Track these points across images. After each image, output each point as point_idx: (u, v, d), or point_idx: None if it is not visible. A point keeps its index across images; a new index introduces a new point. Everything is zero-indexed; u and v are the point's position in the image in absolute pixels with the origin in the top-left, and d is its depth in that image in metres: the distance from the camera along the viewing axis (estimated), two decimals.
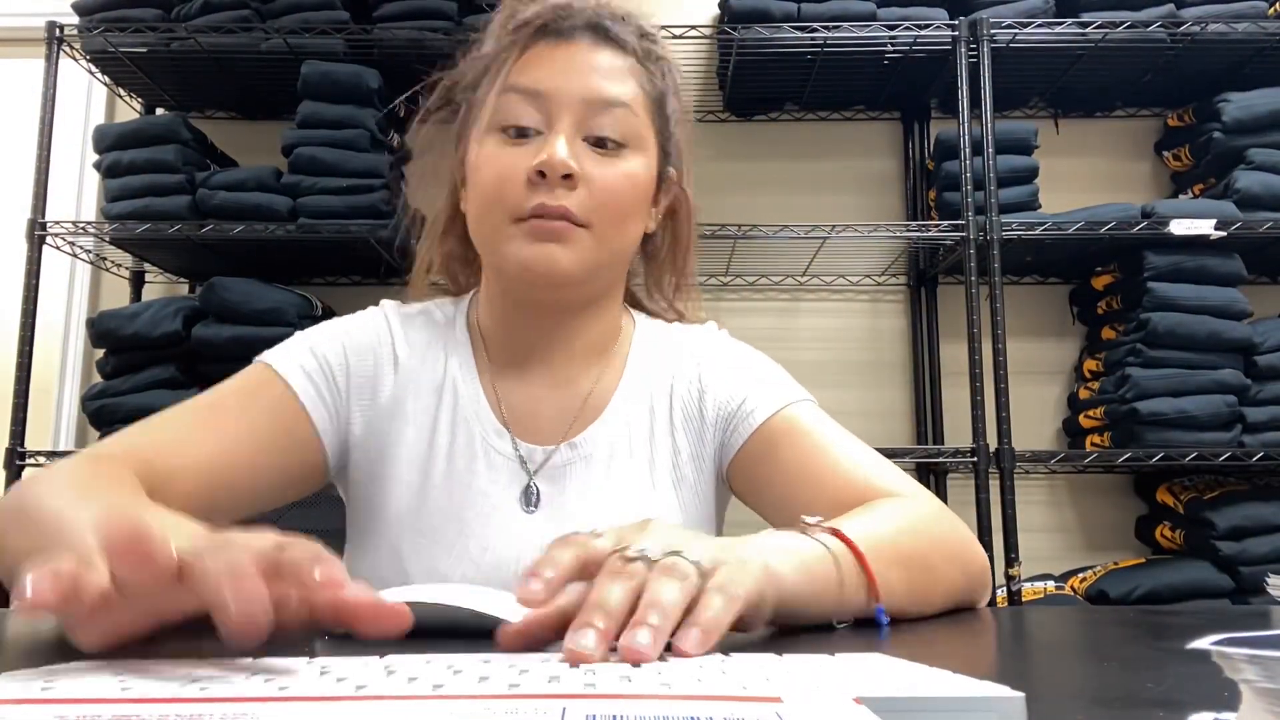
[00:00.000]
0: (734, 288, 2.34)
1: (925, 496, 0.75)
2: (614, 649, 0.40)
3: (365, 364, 0.81)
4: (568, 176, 0.72)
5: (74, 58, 2.17)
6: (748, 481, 0.81)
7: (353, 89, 2.08)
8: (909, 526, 0.67)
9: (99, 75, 2.30)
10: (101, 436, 2.03)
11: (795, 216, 2.06)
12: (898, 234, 2.08)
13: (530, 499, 0.78)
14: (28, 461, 1.95)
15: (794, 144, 2.44)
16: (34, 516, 0.59)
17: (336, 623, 0.42)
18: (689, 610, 0.43)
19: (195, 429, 0.76)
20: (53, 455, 2.05)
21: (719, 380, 0.83)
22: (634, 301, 0.92)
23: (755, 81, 2.26)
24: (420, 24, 2.10)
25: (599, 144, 0.75)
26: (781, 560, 0.53)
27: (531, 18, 0.77)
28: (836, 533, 0.60)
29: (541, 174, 0.72)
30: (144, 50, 2.15)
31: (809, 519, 0.61)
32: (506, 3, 0.81)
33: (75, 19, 2.16)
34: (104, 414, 2.00)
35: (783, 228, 2.01)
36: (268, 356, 0.81)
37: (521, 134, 0.74)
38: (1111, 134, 2.43)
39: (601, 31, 0.77)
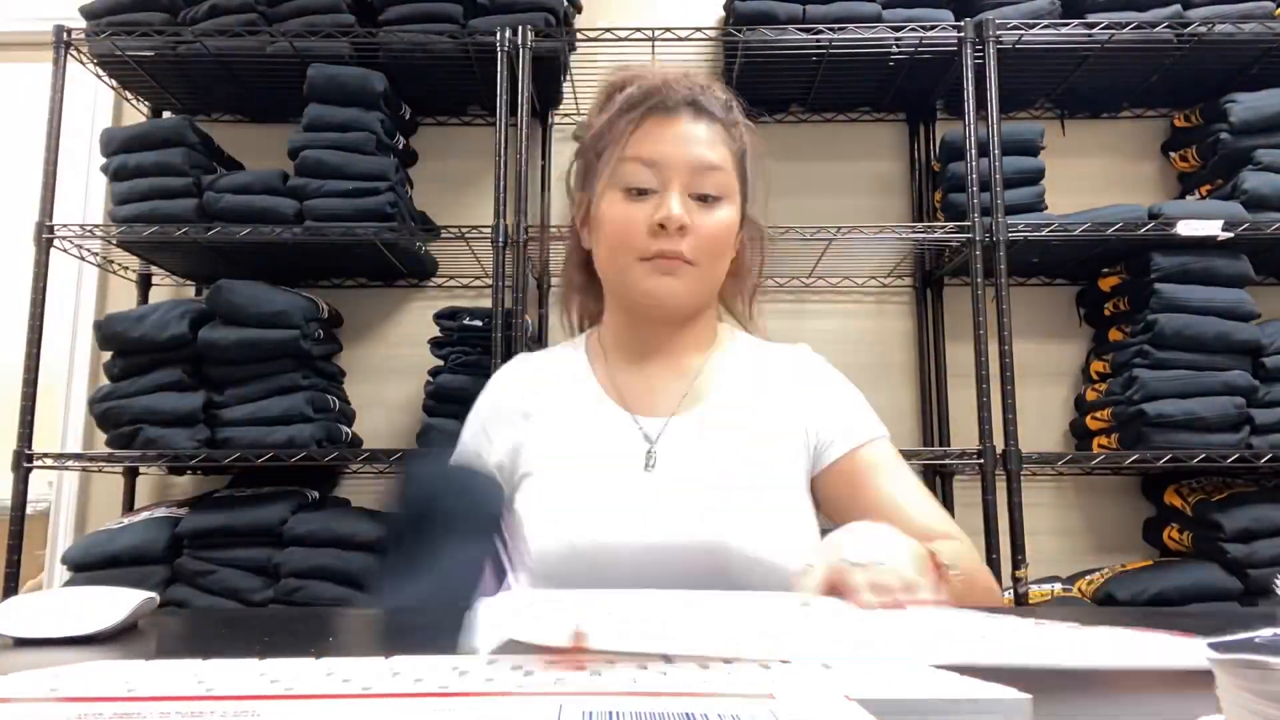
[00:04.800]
0: None
1: (967, 539, 0.93)
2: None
3: (501, 412, 1.04)
4: (681, 228, 0.93)
5: (81, 61, 2.17)
6: (829, 499, 0.98)
7: (359, 92, 2.09)
8: (967, 560, 0.86)
9: (106, 79, 2.31)
10: (108, 439, 2.04)
11: (801, 218, 2.06)
12: (904, 235, 2.08)
13: (649, 461, 0.96)
14: (35, 464, 1.96)
15: (799, 146, 2.44)
16: None
17: None
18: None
19: None
20: (60, 457, 2.06)
21: (819, 394, 1.01)
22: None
23: (760, 83, 2.26)
24: (426, 27, 2.11)
25: (700, 199, 0.95)
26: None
27: (642, 98, 0.96)
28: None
29: (662, 226, 0.93)
30: (151, 54, 2.16)
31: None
32: (613, 79, 1.02)
33: (82, 23, 2.17)
34: (111, 416, 2.01)
35: (788, 229, 2.01)
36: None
37: (642, 193, 0.95)
38: (1118, 135, 2.42)
39: (698, 106, 0.97)
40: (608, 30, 2.10)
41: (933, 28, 2.06)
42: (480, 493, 0.96)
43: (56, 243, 2.05)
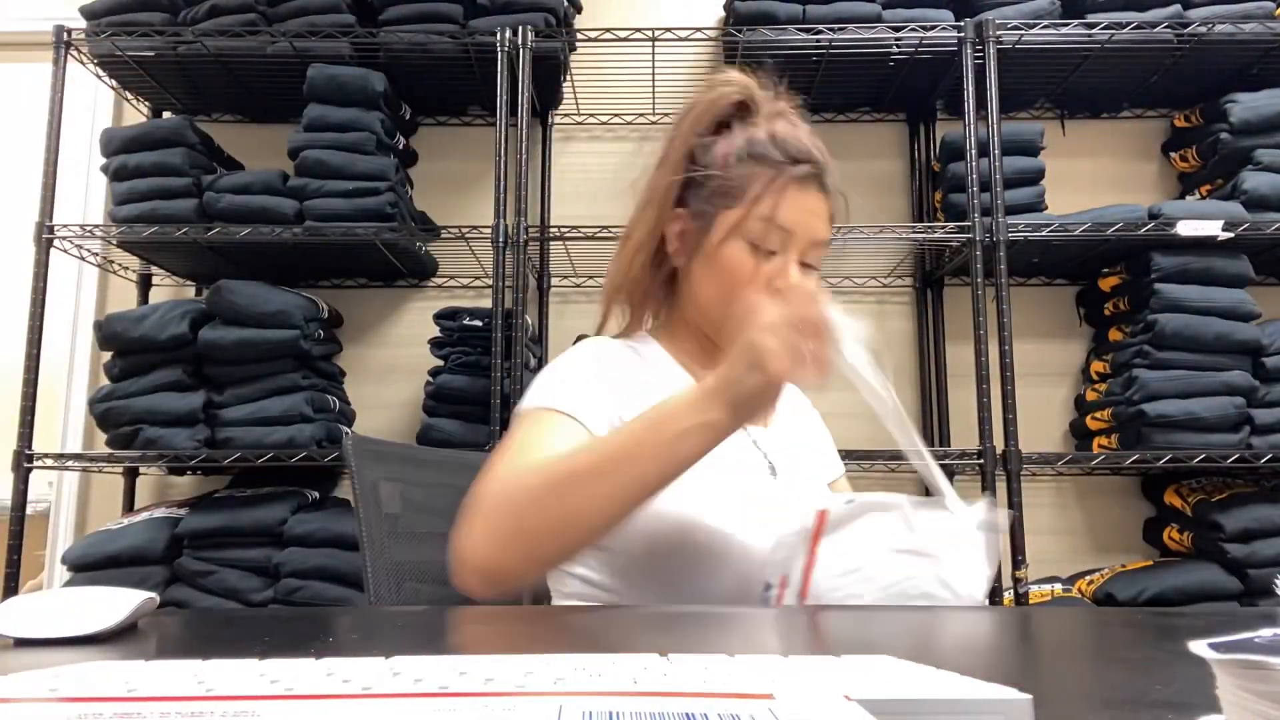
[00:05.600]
0: None
1: None
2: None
3: (608, 374, 1.02)
4: None
5: (81, 62, 2.18)
6: None
7: (359, 92, 2.09)
8: None
9: (106, 79, 2.31)
10: (109, 439, 2.04)
11: None
12: (904, 235, 2.08)
13: (772, 470, 1.01)
14: (35, 464, 1.96)
15: None
16: (592, 463, 0.78)
17: None
18: None
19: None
20: (60, 457, 2.06)
21: (813, 420, 1.16)
22: None
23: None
24: (426, 27, 2.11)
25: (807, 265, 1.00)
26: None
27: (790, 160, 0.98)
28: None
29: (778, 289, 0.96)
30: (151, 54, 2.17)
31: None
32: (727, 92, 1.03)
33: (83, 23, 2.17)
34: (111, 416, 2.01)
35: None
36: (543, 402, 0.95)
37: (769, 252, 0.98)
38: (1118, 135, 2.42)
39: (824, 184, 1.00)
40: (608, 30, 2.10)
41: (933, 28, 2.06)
42: None
43: (56, 243, 2.05)
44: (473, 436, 2.05)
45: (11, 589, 1.90)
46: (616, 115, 2.47)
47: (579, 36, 2.15)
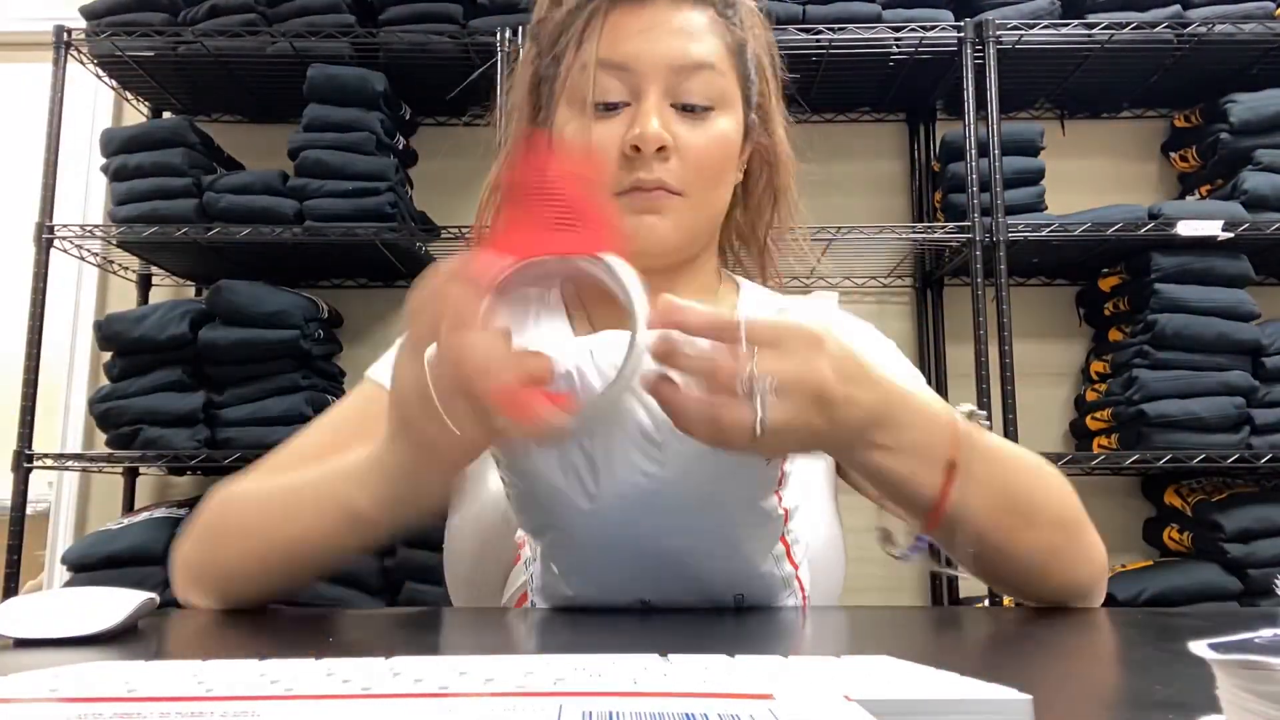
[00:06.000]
0: None
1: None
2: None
3: None
4: (662, 149, 0.72)
5: (81, 62, 2.17)
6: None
7: (359, 92, 2.09)
8: (1040, 475, 0.62)
9: (106, 79, 2.31)
10: (109, 439, 2.04)
11: (801, 218, 2.06)
12: (904, 236, 2.08)
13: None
14: (35, 464, 1.95)
15: (799, 146, 2.43)
16: (318, 490, 0.62)
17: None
18: None
19: (323, 449, 0.74)
20: (60, 457, 2.06)
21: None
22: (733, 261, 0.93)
23: None
24: (426, 27, 2.11)
25: (687, 109, 0.74)
26: (901, 390, 0.54)
27: None
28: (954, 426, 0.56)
29: (636, 149, 0.71)
30: (151, 54, 2.16)
31: (965, 407, 0.59)
32: None
33: (83, 23, 2.17)
34: (111, 416, 2.01)
35: (788, 229, 2.01)
36: (375, 374, 0.79)
37: (610, 107, 0.73)
38: (1118, 135, 2.42)
39: None
40: None
41: (933, 28, 2.06)
42: None
43: (56, 243, 2.05)
44: None
45: (11, 589, 1.90)
46: None
47: None
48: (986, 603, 1.86)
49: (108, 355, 2.08)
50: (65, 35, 2.09)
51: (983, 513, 0.57)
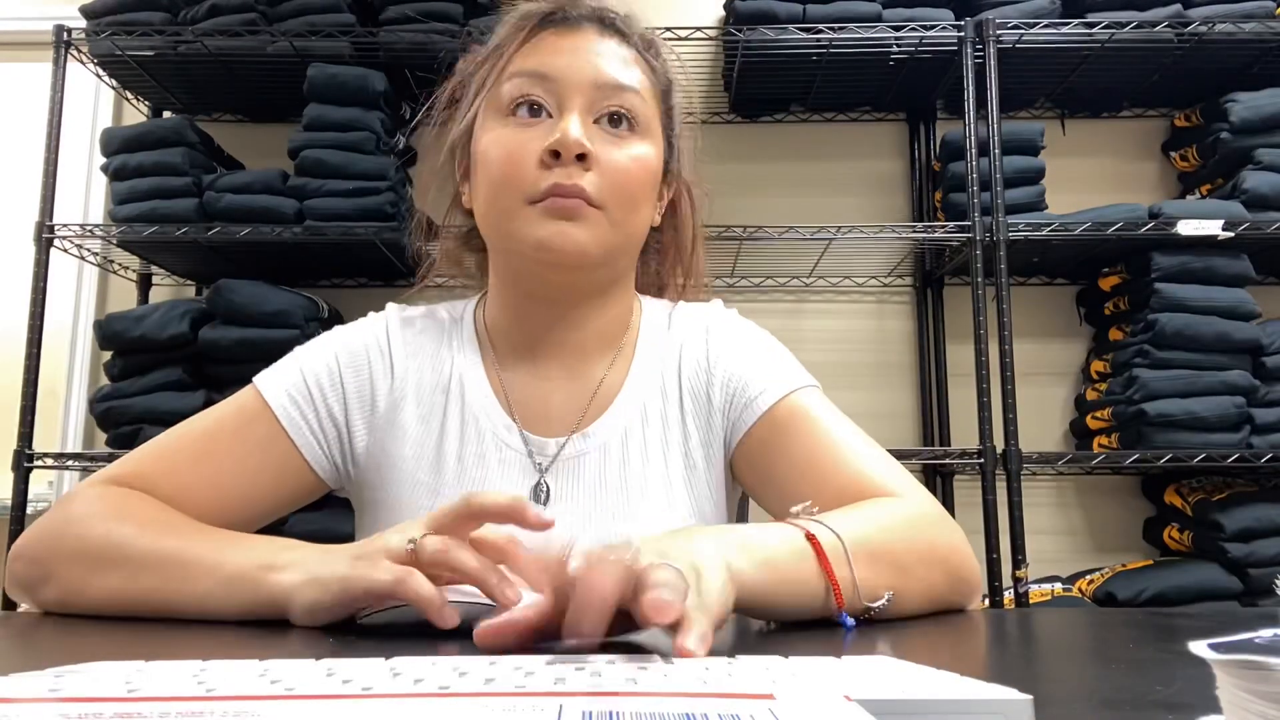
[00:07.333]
0: (740, 289, 2.34)
1: (921, 497, 0.73)
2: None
3: (360, 375, 0.81)
4: (581, 157, 0.72)
5: (81, 61, 2.17)
6: (751, 470, 0.80)
7: (359, 92, 2.09)
8: (891, 525, 0.67)
9: (106, 79, 2.31)
10: (109, 439, 2.04)
11: (801, 218, 2.06)
12: (904, 235, 2.08)
13: (540, 495, 0.77)
14: (36, 464, 1.95)
15: (800, 145, 2.44)
16: (152, 557, 0.64)
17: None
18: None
19: (195, 460, 0.76)
20: (60, 457, 2.06)
21: (725, 363, 0.82)
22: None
23: (761, 83, 2.26)
24: (426, 27, 2.11)
25: (612, 122, 0.75)
26: (743, 559, 0.55)
27: (536, 10, 0.78)
28: (807, 533, 0.61)
29: (555, 154, 0.71)
30: (151, 54, 2.16)
31: (795, 508, 0.65)
32: (516, 5, 0.81)
33: (83, 23, 2.17)
34: (111, 416, 2.01)
35: (789, 229, 2.01)
36: (260, 381, 0.80)
37: (533, 113, 0.74)
38: (1118, 134, 2.42)
39: (607, 22, 0.78)
40: None
41: (933, 27, 2.06)
42: None
43: (56, 243, 2.05)
44: None
45: None
46: None
47: None
48: (986, 603, 1.86)
49: (108, 355, 2.08)
50: (65, 35, 2.09)
51: (871, 579, 0.62)
